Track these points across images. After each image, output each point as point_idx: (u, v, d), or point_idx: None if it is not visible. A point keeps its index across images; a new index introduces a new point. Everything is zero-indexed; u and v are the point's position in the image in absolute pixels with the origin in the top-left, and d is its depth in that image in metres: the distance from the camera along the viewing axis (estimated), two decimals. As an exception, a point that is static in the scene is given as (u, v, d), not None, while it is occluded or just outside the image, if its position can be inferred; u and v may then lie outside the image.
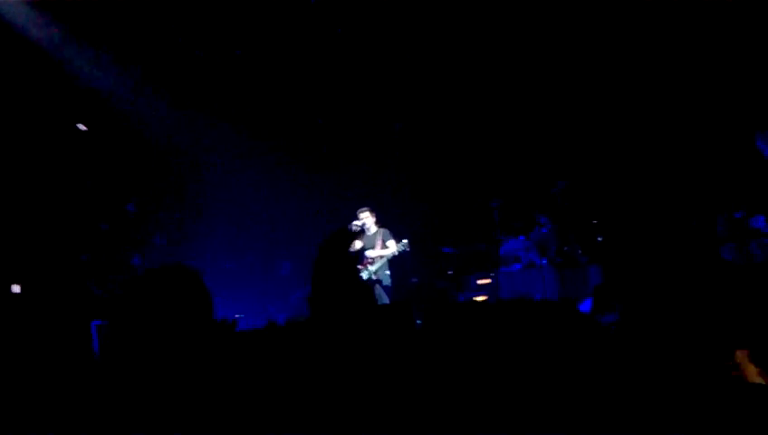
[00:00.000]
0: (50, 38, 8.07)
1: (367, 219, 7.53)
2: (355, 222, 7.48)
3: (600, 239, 8.95)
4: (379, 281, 7.30)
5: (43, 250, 7.96)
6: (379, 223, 7.63)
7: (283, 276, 10.38)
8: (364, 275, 7.38)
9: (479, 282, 8.99)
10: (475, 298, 8.67)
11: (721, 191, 7.92)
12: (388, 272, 7.39)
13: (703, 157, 8.40)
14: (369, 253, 7.45)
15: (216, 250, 10.08)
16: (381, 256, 7.35)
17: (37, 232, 8.00)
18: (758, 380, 2.00)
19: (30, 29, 7.83)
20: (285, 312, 9.68)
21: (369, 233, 7.53)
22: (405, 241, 7.31)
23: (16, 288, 7.51)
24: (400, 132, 10.57)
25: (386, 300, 7.24)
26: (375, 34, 9.18)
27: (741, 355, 2.12)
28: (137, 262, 9.39)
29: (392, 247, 7.35)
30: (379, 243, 7.42)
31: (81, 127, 8.89)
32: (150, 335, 1.64)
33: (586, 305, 6.02)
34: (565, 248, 8.83)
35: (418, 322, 5.41)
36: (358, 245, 7.48)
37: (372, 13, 8.75)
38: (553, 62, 9.19)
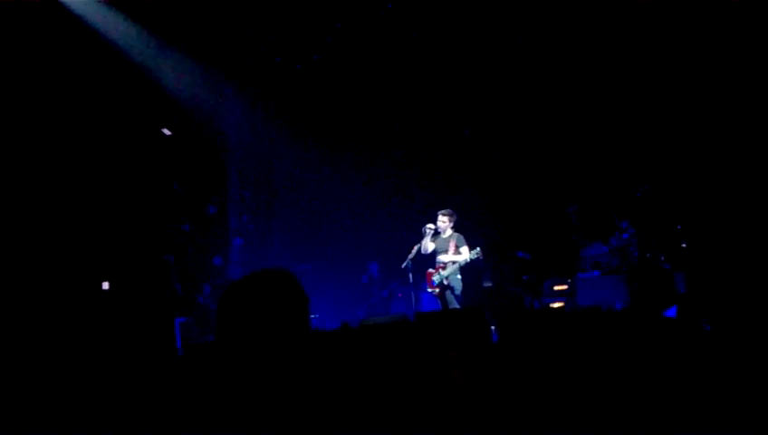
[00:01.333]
0: (132, 40, 8.41)
1: (444, 223, 7.48)
2: (429, 224, 7.48)
3: (684, 245, 8.55)
4: (450, 287, 7.25)
5: (130, 249, 8.34)
6: (454, 227, 7.58)
7: (373, 280, 10.43)
8: (435, 280, 7.35)
9: (556, 288, 8.77)
10: (551, 305, 8.48)
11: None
12: (459, 277, 7.33)
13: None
14: (441, 257, 7.42)
15: (294, 253, 10.29)
16: (453, 262, 7.29)
17: (125, 232, 8.39)
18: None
19: (110, 30, 8.14)
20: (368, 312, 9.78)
21: (443, 236, 7.50)
22: (478, 249, 7.23)
23: (106, 285, 7.90)
24: (472, 136, 10.47)
25: (456, 306, 7.20)
26: (446, 38, 9.15)
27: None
28: (218, 262, 9.72)
29: (465, 254, 7.28)
30: (452, 247, 7.37)
31: (166, 132, 9.25)
32: (248, 337, 1.67)
33: (671, 314, 5.78)
34: (647, 255, 8.49)
35: (492, 328, 5.34)
36: (430, 247, 7.47)
37: (445, 15, 8.73)
38: (636, 58, 8.88)
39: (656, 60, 8.76)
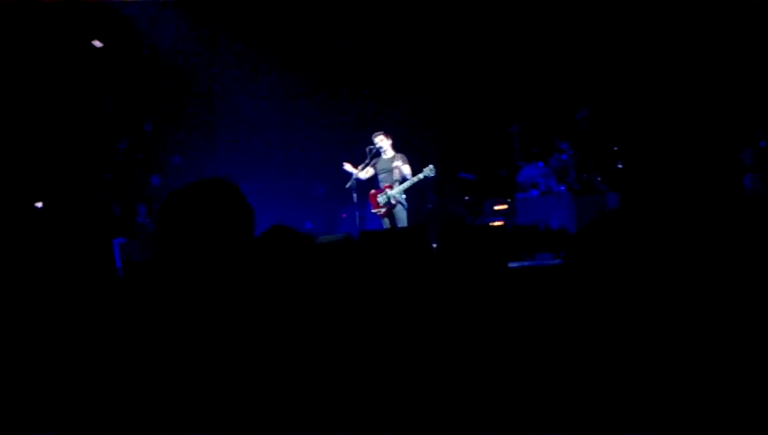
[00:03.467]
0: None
1: (382, 142, 7.47)
2: (370, 146, 7.47)
3: (619, 166, 8.83)
4: (399, 203, 7.34)
5: (64, 168, 8.04)
6: (395, 147, 7.57)
7: (318, 196, 10.42)
8: (381, 200, 7.40)
9: (496, 207, 8.98)
10: (491, 223, 8.69)
11: (748, 121, 7.73)
12: (404, 196, 7.41)
13: (730, 86, 8.16)
14: (384, 177, 7.46)
15: (235, 172, 10.12)
16: (405, 180, 7.31)
17: (58, 150, 8.05)
18: None
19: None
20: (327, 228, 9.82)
21: (385, 156, 7.50)
22: (431, 166, 7.25)
23: (39, 204, 7.64)
24: (418, 55, 10.31)
25: (405, 221, 7.31)
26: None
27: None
28: (156, 182, 9.48)
29: (407, 172, 7.31)
30: (395, 166, 7.39)
31: (97, 43, 8.77)
32: (188, 251, 1.62)
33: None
34: (584, 175, 8.74)
35: (434, 245, 5.46)
36: (368, 172, 7.52)
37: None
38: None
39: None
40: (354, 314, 1.98)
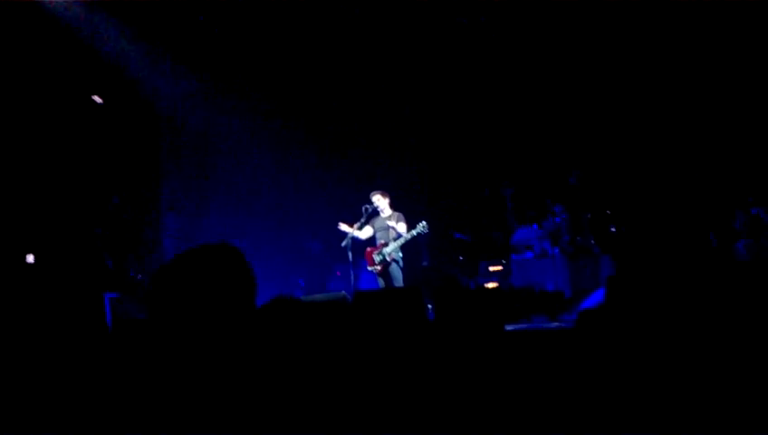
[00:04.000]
0: (67, 6, 8.05)
1: (379, 202, 7.53)
2: (366, 205, 7.53)
3: (613, 230, 8.88)
4: (394, 261, 7.34)
5: (57, 222, 8.01)
6: (392, 206, 7.63)
7: (312, 254, 10.39)
8: (377, 258, 7.39)
9: (491, 268, 8.97)
10: (485, 285, 8.66)
11: (740, 186, 7.83)
12: (401, 254, 7.42)
13: (723, 151, 8.30)
14: (382, 235, 7.48)
15: (229, 229, 10.10)
16: (399, 237, 7.33)
17: (52, 203, 8.04)
18: None
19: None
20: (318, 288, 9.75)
21: (382, 215, 7.55)
22: (424, 223, 7.29)
23: (30, 258, 7.57)
24: (412, 116, 10.47)
25: (400, 280, 7.30)
26: (388, 17, 9.10)
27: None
28: (150, 236, 9.44)
29: (402, 230, 7.34)
30: (391, 224, 7.43)
31: (97, 99, 8.88)
32: (190, 317, 1.59)
33: (599, 295, 5.99)
34: (578, 238, 8.77)
35: (429, 306, 5.42)
36: (368, 232, 7.55)
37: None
38: (572, 50, 9.08)
39: (593, 50, 8.98)
40: (351, 380, 1.94)
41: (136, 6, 8.51)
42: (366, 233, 7.61)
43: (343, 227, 7.61)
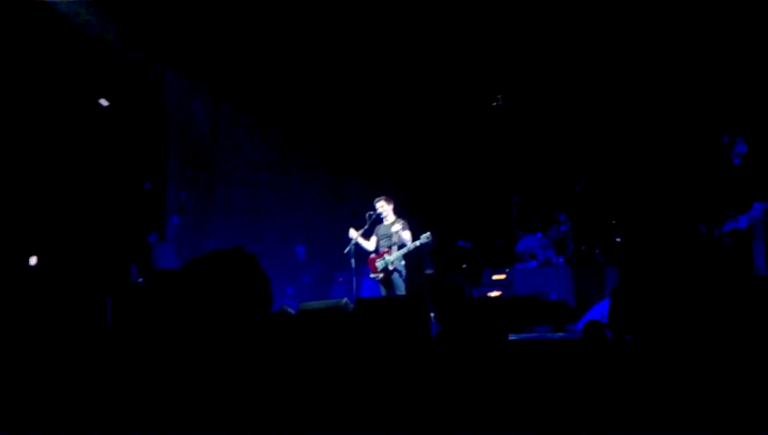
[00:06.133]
0: (75, 8, 8.10)
1: (383, 208, 7.51)
2: (370, 212, 7.51)
3: (618, 240, 8.83)
4: (396, 271, 7.30)
5: (60, 224, 8.01)
6: (396, 213, 7.60)
7: (299, 261, 10.39)
8: (379, 265, 7.36)
9: (494, 277, 8.93)
10: (489, 293, 8.62)
11: (747, 195, 7.76)
12: (403, 262, 7.38)
13: (731, 164, 8.26)
14: (385, 242, 7.46)
15: (231, 232, 10.11)
16: (403, 246, 7.31)
17: (56, 206, 8.05)
18: None
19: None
20: (302, 293, 9.72)
21: (386, 222, 7.53)
22: (428, 233, 7.25)
23: (33, 260, 7.57)
24: (417, 122, 10.45)
25: (402, 289, 7.25)
26: (394, 24, 9.12)
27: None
28: (153, 240, 9.43)
29: (406, 238, 7.31)
30: (395, 231, 7.40)
31: (104, 102, 8.91)
32: (204, 320, 1.58)
33: (602, 306, 5.96)
34: (583, 248, 8.73)
35: (432, 314, 5.40)
36: (372, 243, 7.53)
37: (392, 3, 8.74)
38: (580, 61, 9.07)
39: (598, 58, 8.97)
40: (352, 386, 1.92)
41: (143, 12, 8.55)
42: (372, 244, 7.57)
43: (353, 233, 7.57)
